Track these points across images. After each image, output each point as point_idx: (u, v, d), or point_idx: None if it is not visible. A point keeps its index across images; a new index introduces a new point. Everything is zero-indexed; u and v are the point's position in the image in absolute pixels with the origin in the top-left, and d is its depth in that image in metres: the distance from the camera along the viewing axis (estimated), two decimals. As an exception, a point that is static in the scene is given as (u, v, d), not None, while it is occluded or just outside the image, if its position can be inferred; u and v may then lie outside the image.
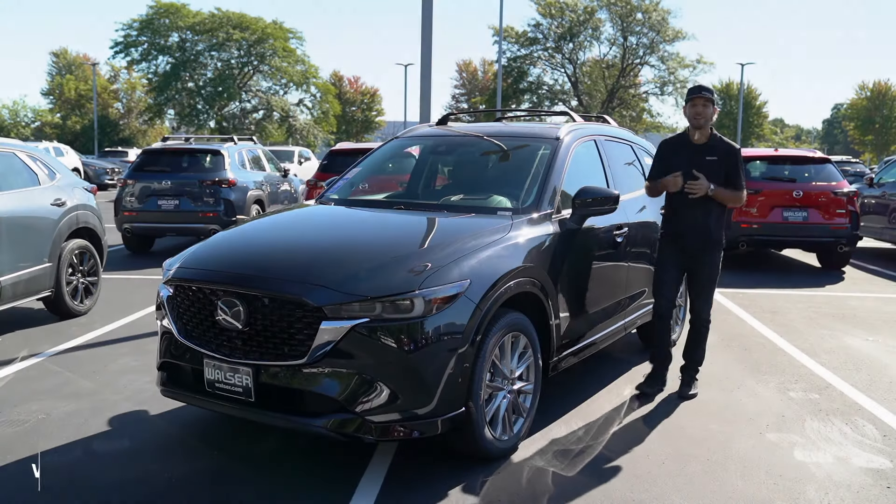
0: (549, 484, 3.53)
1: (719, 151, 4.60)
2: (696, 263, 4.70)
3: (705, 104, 4.53)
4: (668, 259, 4.79)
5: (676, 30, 47.69)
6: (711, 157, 4.58)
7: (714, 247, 4.69)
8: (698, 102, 4.54)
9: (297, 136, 50.38)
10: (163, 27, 47.89)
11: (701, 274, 4.72)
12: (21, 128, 54.45)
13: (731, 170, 4.61)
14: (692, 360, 4.85)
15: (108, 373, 5.16)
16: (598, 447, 3.96)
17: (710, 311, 4.80)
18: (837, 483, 3.59)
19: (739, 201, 4.77)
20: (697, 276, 4.74)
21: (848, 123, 67.55)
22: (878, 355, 5.96)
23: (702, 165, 4.55)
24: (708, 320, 4.80)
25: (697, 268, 4.71)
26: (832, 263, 10.44)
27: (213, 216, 10.49)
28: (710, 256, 4.68)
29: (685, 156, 4.62)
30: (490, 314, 3.55)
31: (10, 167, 6.41)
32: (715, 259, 4.71)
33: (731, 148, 4.65)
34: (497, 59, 40.03)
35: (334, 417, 3.29)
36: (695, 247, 4.66)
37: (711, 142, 4.63)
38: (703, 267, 4.69)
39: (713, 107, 4.54)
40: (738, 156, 4.65)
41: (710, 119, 4.57)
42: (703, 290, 4.74)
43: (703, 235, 4.65)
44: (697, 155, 4.59)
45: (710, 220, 4.63)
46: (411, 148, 5.86)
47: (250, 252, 3.89)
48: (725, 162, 4.59)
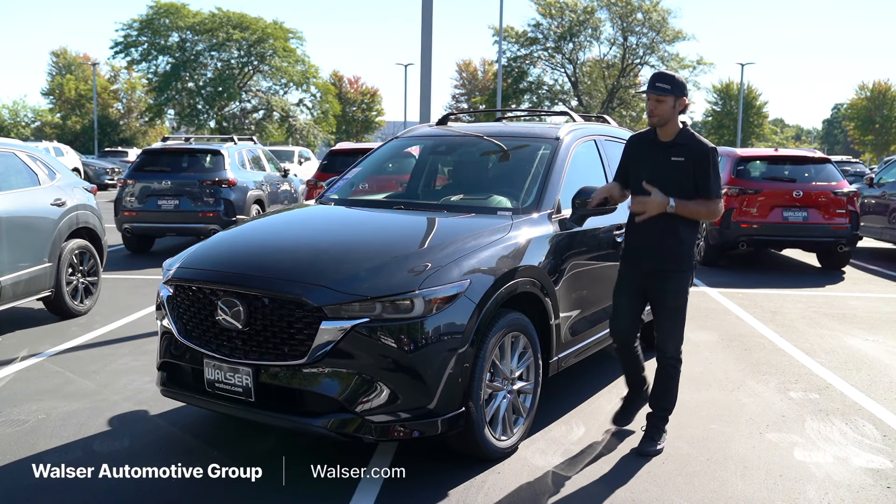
0: (549, 484, 3.53)
1: (687, 152, 3.77)
2: (658, 290, 3.88)
3: (659, 100, 3.75)
4: (624, 283, 4.01)
5: (676, 30, 47.75)
6: (677, 157, 3.78)
7: (679, 271, 3.83)
8: (650, 98, 3.79)
9: (297, 136, 50.38)
10: (163, 27, 47.88)
11: (663, 303, 3.87)
12: (21, 128, 54.44)
13: (700, 175, 3.76)
14: (659, 406, 3.99)
15: (108, 373, 5.16)
16: (598, 447, 3.96)
17: (678, 347, 3.91)
18: (837, 483, 3.59)
19: (712, 215, 3.84)
20: (659, 306, 3.89)
21: (848, 123, 67.53)
22: (878, 355, 5.96)
23: (665, 168, 3.79)
24: (676, 358, 3.92)
25: (659, 295, 3.88)
26: (832, 263, 10.44)
27: (213, 216, 10.50)
28: (675, 282, 3.84)
29: (648, 157, 3.88)
30: (490, 314, 3.55)
31: (10, 167, 6.41)
32: (680, 285, 3.85)
33: (701, 148, 3.77)
34: (497, 59, 40.04)
35: (334, 417, 3.29)
36: (655, 270, 3.85)
37: (679, 140, 3.81)
38: (666, 294, 3.85)
39: (675, 100, 3.73)
40: (711, 158, 3.78)
41: (670, 115, 3.76)
42: (666, 322, 3.89)
43: (665, 257, 3.81)
44: (661, 155, 3.82)
45: (673, 238, 3.80)
46: (411, 148, 5.86)
47: (250, 252, 3.89)
48: (694, 165, 3.76)
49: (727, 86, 59.98)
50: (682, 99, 3.75)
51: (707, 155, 3.76)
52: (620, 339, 4.04)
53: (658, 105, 3.75)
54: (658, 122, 3.79)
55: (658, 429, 3.96)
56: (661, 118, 3.77)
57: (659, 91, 3.73)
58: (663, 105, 3.74)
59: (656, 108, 3.76)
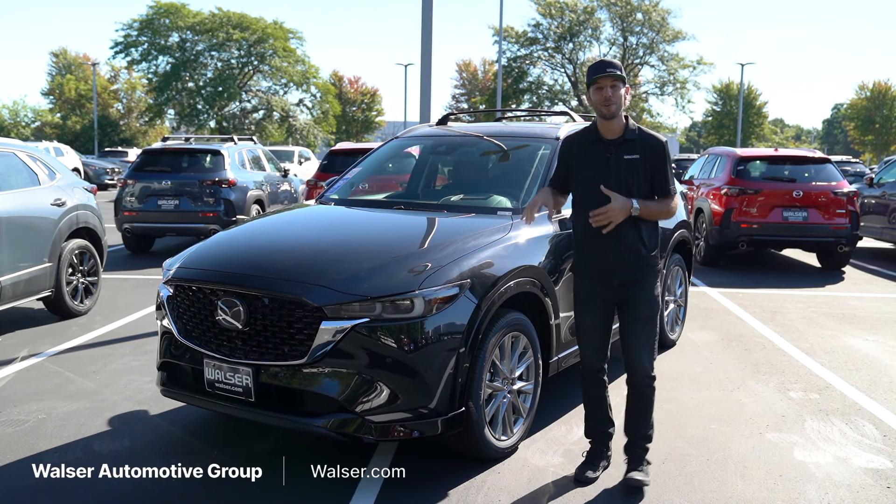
0: (549, 484, 3.53)
1: (640, 148, 3.37)
2: (628, 300, 3.45)
3: (615, 84, 3.30)
4: (589, 299, 3.51)
5: (676, 30, 47.73)
6: (631, 155, 3.37)
7: (647, 274, 3.44)
8: (605, 83, 3.30)
9: (297, 136, 50.38)
10: (163, 27, 47.87)
11: (633, 313, 3.44)
12: (21, 128, 54.45)
13: (656, 171, 3.38)
14: (636, 434, 3.54)
15: (108, 373, 5.16)
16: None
17: (653, 364, 3.49)
18: (837, 483, 3.59)
19: (670, 214, 3.50)
20: (629, 317, 3.46)
21: (848, 123, 67.51)
22: (878, 355, 5.96)
23: (618, 169, 3.36)
24: (651, 376, 3.48)
25: (630, 306, 3.45)
26: (832, 263, 10.44)
27: (213, 216, 10.50)
28: (645, 288, 3.43)
29: (595, 158, 3.41)
30: (490, 314, 3.55)
31: (10, 167, 6.41)
32: (651, 291, 3.45)
33: (654, 142, 3.39)
34: (497, 59, 40.04)
35: (334, 417, 3.29)
36: (620, 277, 3.42)
37: (629, 135, 3.39)
38: (636, 304, 3.43)
39: (625, 88, 3.35)
40: (666, 151, 3.41)
41: (622, 105, 3.36)
42: (640, 336, 3.44)
43: (630, 260, 3.40)
44: (612, 155, 3.38)
45: (639, 243, 3.41)
46: (411, 148, 5.87)
47: (250, 252, 3.89)
48: (650, 161, 3.37)
49: (727, 86, 59.99)
50: (627, 87, 3.39)
51: (662, 148, 3.40)
52: (592, 361, 3.56)
53: (615, 92, 3.31)
54: (615, 112, 3.32)
55: (642, 459, 3.52)
56: (618, 106, 3.32)
57: (616, 73, 3.30)
58: (618, 91, 3.32)
59: (613, 94, 3.30)
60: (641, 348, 3.45)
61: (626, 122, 3.40)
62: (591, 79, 3.33)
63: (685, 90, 48.77)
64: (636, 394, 3.52)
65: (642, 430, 3.54)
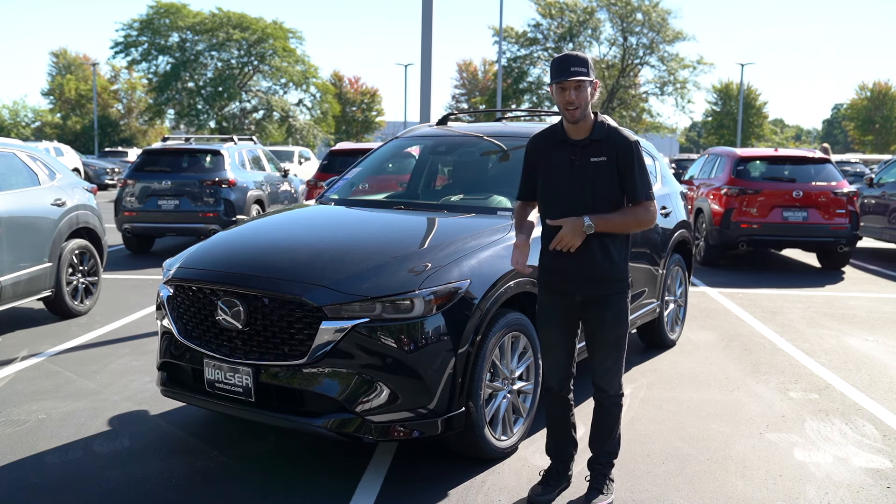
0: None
1: (608, 149, 3.12)
2: (594, 320, 3.22)
3: (579, 86, 3.04)
4: (553, 315, 3.29)
5: (676, 30, 47.68)
6: (598, 157, 3.12)
7: (614, 290, 3.19)
8: (569, 86, 3.04)
9: (297, 136, 50.39)
10: (163, 27, 47.89)
11: (600, 335, 3.23)
12: (21, 128, 54.45)
13: (626, 175, 3.11)
14: (604, 450, 3.37)
15: (108, 373, 5.16)
16: (598, 447, 3.95)
17: (619, 383, 3.30)
18: (837, 483, 3.59)
19: (645, 223, 3.18)
20: (598, 337, 3.24)
21: (848, 123, 67.51)
22: (878, 355, 5.96)
23: (584, 172, 3.12)
24: (618, 394, 3.32)
25: (597, 326, 3.22)
26: (832, 263, 10.44)
27: (213, 216, 10.51)
28: (613, 307, 3.20)
29: (559, 161, 3.18)
30: (490, 314, 3.55)
31: (10, 167, 6.41)
32: (620, 310, 3.21)
33: (623, 141, 3.12)
34: (497, 59, 40.04)
35: (334, 417, 3.29)
36: (582, 294, 3.19)
37: (596, 135, 3.13)
38: (605, 324, 3.20)
39: (591, 84, 3.08)
40: (636, 152, 3.12)
41: (588, 105, 3.10)
42: (607, 357, 3.25)
43: (599, 282, 3.16)
44: (578, 158, 3.14)
45: (605, 259, 3.14)
46: (411, 148, 5.87)
47: (250, 252, 3.89)
48: (618, 163, 3.11)
49: (727, 86, 59.98)
50: (595, 83, 3.09)
51: (631, 149, 3.11)
52: (556, 379, 3.37)
53: (580, 94, 3.05)
54: (580, 115, 3.08)
55: (604, 476, 3.35)
56: (583, 109, 3.07)
57: (581, 72, 3.03)
58: (583, 93, 3.06)
59: (578, 97, 3.04)
60: (610, 370, 3.28)
61: (595, 120, 3.15)
62: (555, 80, 3.06)
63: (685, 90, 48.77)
64: (604, 411, 3.37)
65: (607, 446, 3.38)
